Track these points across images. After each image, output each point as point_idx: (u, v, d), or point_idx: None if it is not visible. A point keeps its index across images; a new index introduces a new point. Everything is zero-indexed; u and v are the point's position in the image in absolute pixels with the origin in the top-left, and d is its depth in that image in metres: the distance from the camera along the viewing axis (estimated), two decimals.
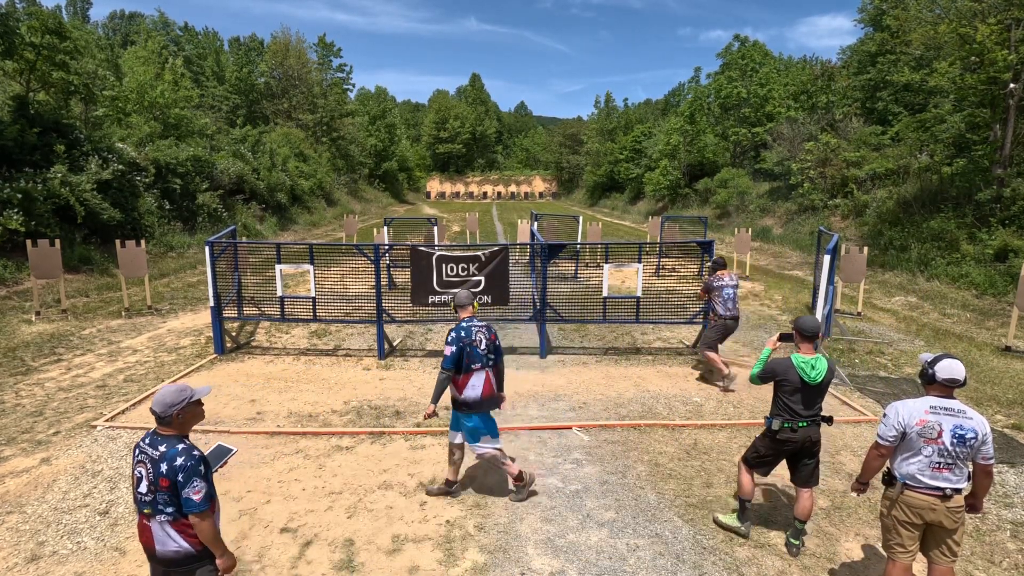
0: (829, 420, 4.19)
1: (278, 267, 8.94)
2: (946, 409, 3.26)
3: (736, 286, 7.53)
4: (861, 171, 21.11)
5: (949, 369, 3.27)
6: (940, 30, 14.84)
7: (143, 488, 2.78)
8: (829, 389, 7.49)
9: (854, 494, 3.64)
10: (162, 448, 2.78)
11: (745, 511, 4.40)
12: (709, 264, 7.78)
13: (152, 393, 7.13)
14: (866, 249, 11.59)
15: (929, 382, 3.35)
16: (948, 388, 3.30)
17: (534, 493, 4.93)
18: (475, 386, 4.58)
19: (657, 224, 18.57)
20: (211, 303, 8.58)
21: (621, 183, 48.56)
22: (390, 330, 9.86)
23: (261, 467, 5.39)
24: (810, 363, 4.04)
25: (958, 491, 3.29)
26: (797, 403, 4.09)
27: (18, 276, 12.24)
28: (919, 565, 3.71)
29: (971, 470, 3.32)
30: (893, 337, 10.12)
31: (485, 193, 70.07)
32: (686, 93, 51.75)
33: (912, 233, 16.34)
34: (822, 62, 34.85)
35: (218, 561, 2.94)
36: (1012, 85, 13.83)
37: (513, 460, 4.91)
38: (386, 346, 8.89)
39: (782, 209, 25.69)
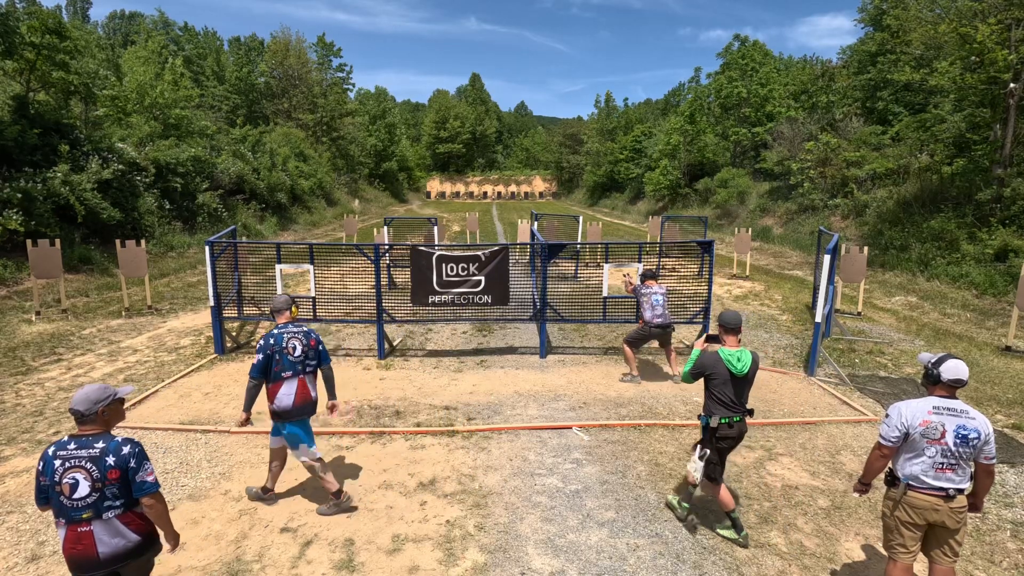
0: (751, 412, 4.36)
1: (278, 267, 8.94)
2: (949, 409, 3.25)
3: (664, 295, 7.69)
4: (861, 171, 21.11)
5: (954, 370, 3.27)
6: (940, 30, 14.84)
7: (83, 491, 2.75)
8: (827, 387, 7.51)
9: (856, 495, 3.63)
10: (99, 444, 2.85)
11: (737, 521, 4.33)
12: (640, 272, 8.03)
13: (153, 393, 7.14)
14: (866, 249, 11.59)
15: (933, 383, 3.35)
16: (952, 388, 3.30)
17: (352, 509, 4.70)
18: (287, 394, 4.49)
19: (657, 224, 18.58)
20: (211, 303, 8.58)
21: (621, 183, 48.57)
22: (390, 330, 9.86)
23: (261, 467, 5.39)
24: (736, 355, 4.20)
25: (961, 491, 3.28)
26: (729, 395, 4.22)
27: (18, 276, 12.24)
28: (920, 565, 3.71)
29: (973, 470, 3.32)
30: (893, 337, 10.12)
31: (485, 193, 70.07)
32: (686, 93, 51.76)
33: (912, 233, 16.34)
34: (822, 62, 34.86)
35: (169, 539, 3.08)
36: (1012, 85, 13.83)
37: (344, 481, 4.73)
38: (386, 346, 8.89)
39: (782, 209, 25.69)
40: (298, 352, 4.56)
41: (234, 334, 9.65)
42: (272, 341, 4.51)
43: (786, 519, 4.66)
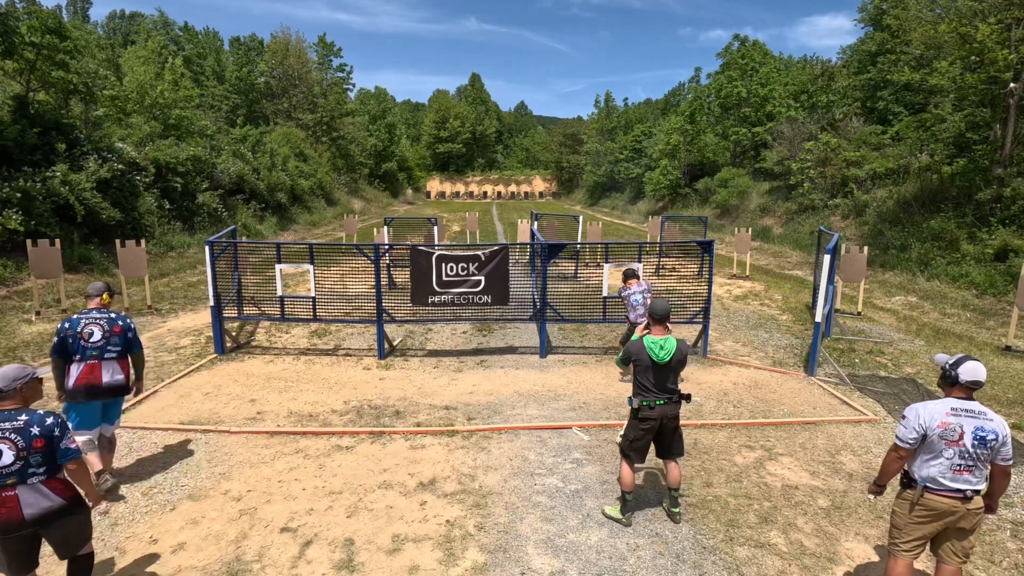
0: (687, 398, 4.52)
1: (278, 267, 8.94)
2: (967, 411, 3.24)
3: (644, 292, 7.66)
4: (861, 171, 21.11)
5: (972, 371, 3.27)
6: (940, 29, 14.83)
7: (7, 460, 3.03)
8: (827, 387, 7.51)
9: (870, 497, 3.62)
10: (22, 417, 3.13)
11: (627, 502, 4.53)
12: (622, 273, 8.00)
13: (153, 393, 7.14)
14: (866, 249, 11.59)
15: (951, 384, 3.33)
16: (970, 390, 3.30)
17: (120, 498, 4.82)
18: (72, 376, 4.69)
19: (657, 224, 18.57)
20: (211, 303, 8.58)
21: (621, 183, 48.54)
22: (390, 330, 9.85)
23: (261, 467, 5.39)
24: (659, 343, 4.36)
25: (977, 492, 3.28)
26: (650, 381, 4.39)
27: (18, 276, 12.24)
28: (921, 564, 3.71)
29: (988, 471, 3.31)
30: (893, 337, 10.12)
31: (485, 193, 70.04)
32: (686, 93, 51.72)
33: (912, 233, 16.34)
34: (822, 62, 34.84)
35: (91, 498, 3.41)
36: (1012, 84, 13.82)
37: (104, 471, 4.85)
38: (386, 346, 8.89)
39: (782, 209, 25.68)
40: (96, 337, 4.75)
41: (234, 334, 9.65)
42: (67, 325, 4.73)
43: (786, 519, 4.66)
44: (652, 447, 4.60)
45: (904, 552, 3.45)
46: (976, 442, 3.19)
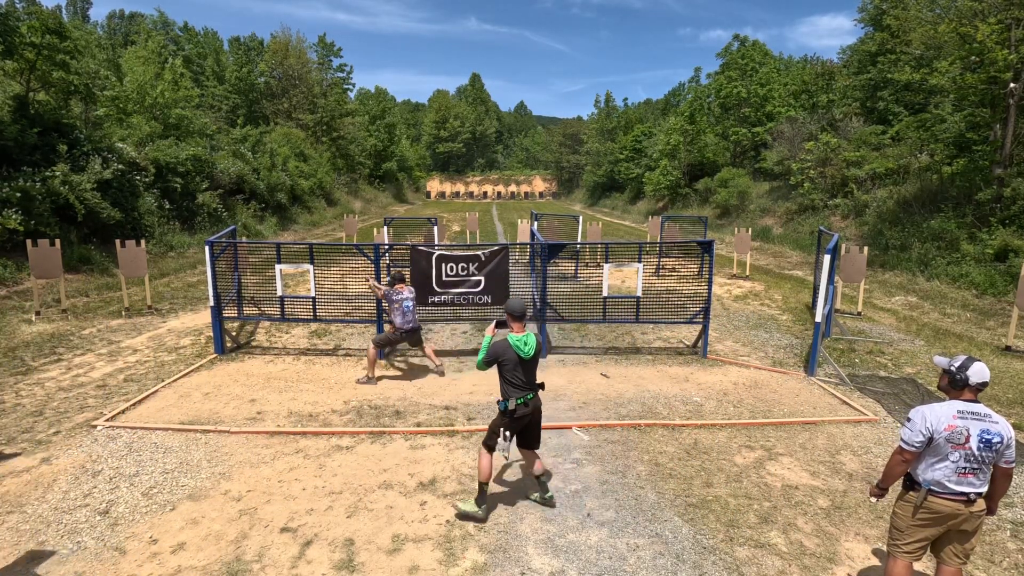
0: (542, 386, 4.70)
1: (278, 267, 8.94)
2: (973, 413, 3.22)
3: (414, 299, 7.72)
4: (861, 171, 21.11)
5: (981, 372, 3.25)
6: (940, 30, 14.84)
7: None
8: (827, 387, 7.51)
9: (872, 499, 3.61)
10: None
11: (484, 495, 4.56)
12: (388, 278, 8.03)
13: (153, 393, 7.14)
14: (866, 249, 11.59)
15: (961, 387, 3.29)
16: (977, 392, 3.28)
17: None
18: None
19: (657, 224, 18.57)
20: (211, 303, 8.58)
21: (621, 183, 48.55)
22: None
23: (261, 467, 5.39)
24: (523, 340, 4.49)
25: (980, 495, 3.27)
26: (519, 378, 4.49)
27: (18, 276, 12.24)
28: (921, 565, 3.71)
29: (991, 473, 3.30)
30: (893, 337, 10.12)
31: (485, 193, 70.06)
32: (686, 93, 51.76)
33: (912, 233, 16.34)
34: (822, 62, 34.84)
35: None
36: (1012, 85, 13.82)
37: None
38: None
39: (782, 209, 25.69)
40: None
41: (234, 334, 9.65)
42: None
43: (786, 519, 4.66)
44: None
45: (905, 554, 3.44)
46: (982, 445, 3.18)
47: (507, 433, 4.49)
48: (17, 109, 15.02)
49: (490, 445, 4.58)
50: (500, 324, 4.72)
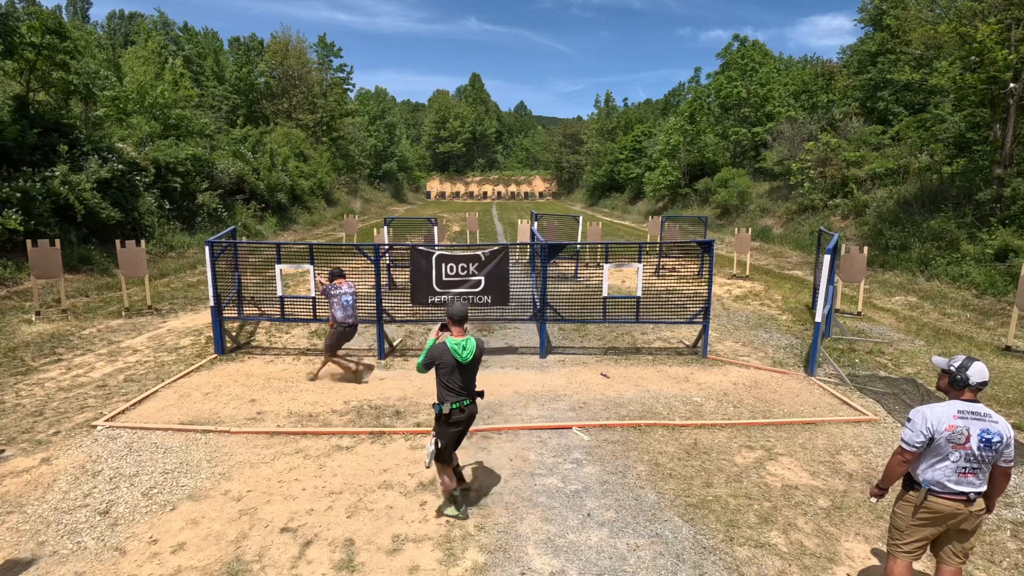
0: (481, 394, 4.67)
1: (278, 267, 8.93)
2: (973, 413, 3.22)
3: (354, 294, 7.70)
4: (861, 171, 21.10)
5: (981, 372, 3.25)
6: (940, 30, 14.82)
7: None
8: (827, 387, 7.51)
9: (872, 499, 3.61)
10: None
11: (457, 499, 4.59)
12: (327, 272, 7.95)
13: (153, 393, 7.14)
14: (866, 249, 11.59)
15: (961, 387, 3.30)
16: (977, 392, 3.29)
17: None
18: None
19: (657, 224, 18.58)
20: (211, 303, 8.58)
21: (621, 183, 48.53)
22: (390, 330, 9.85)
23: (261, 467, 5.39)
24: (461, 344, 4.44)
25: (980, 495, 3.27)
26: (457, 381, 4.45)
27: (18, 276, 12.24)
28: (920, 565, 3.71)
29: (990, 472, 3.30)
30: (893, 337, 10.12)
31: (485, 193, 70.05)
32: (686, 93, 51.73)
33: (912, 233, 16.33)
34: (822, 62, 34.85)
35: None
36: (1012, 85, 13.82)
37: None
38: (386, 346, 8.89)
39: (782, 209, 25.68)
40: None
41: (234, 334, 9.65)
42: None
43: (786, 519, 4.66)
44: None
45: (905, 553, 3.44)
46: (982, 445, 3.18)
47: (442, 442, 4.47)
48: (17, 109, 15.02)
49: (440, 458, 4.53)
50: (444, 327, 4.66)
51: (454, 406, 4.44)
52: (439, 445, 4.48)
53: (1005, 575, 4.09)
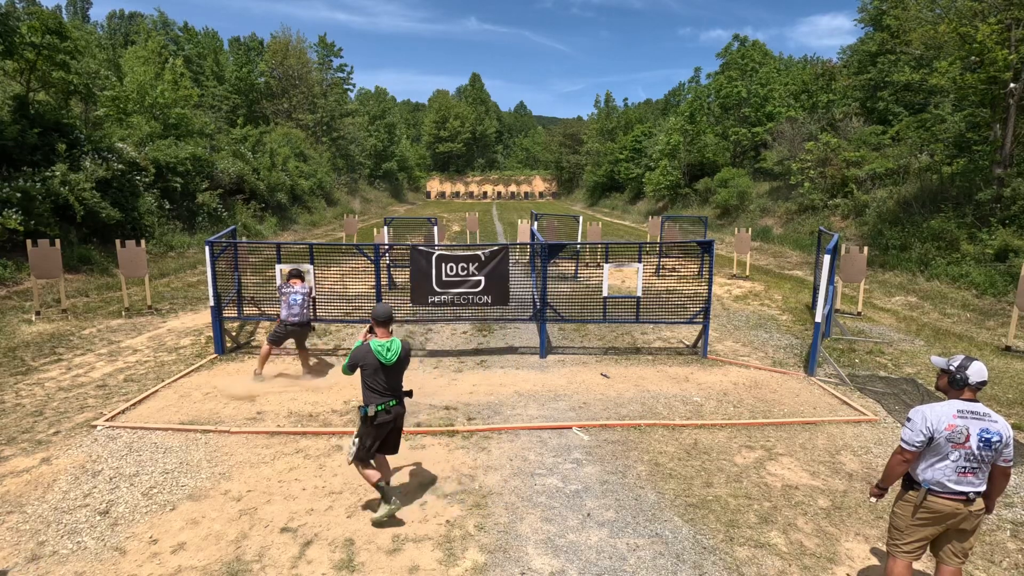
0: (409, 394, 4.68)
1: (278, 267, 8.93)
2: (973, 413, 3.23)
3: (306, 294, 7.75)
4: (861, 171, 21.11)
5: (980, 372, 3.26)
6: (940, 30, 14.83)
7: None
8: (827, 387, 7.51)
9: (872, 499, 3.61)
10: None
11: (384, 490, 4.50)
12: (287, 271, 8.05)
13: (153, 393, 7.14)
14: (866, 249, 11.59)
15: (961, 386, 3.30)
16: (976, 391, 3.29)
17: None
18: None
19: (657, 224, 18.58)
20: (211, 303, 8.58)
21: (621, 183, 48.54)
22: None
23: (261, 467, 5.39)
24: (385, 346, 4.43)
25: (979, 494, 3.27)
26: (381, 383, 4.44)
27: (18, 276, 12.24)
28: (920, 565, 3.71)
29: (990, 472, 3.30)
30: (893, 337, 10.12)
31: (485, 193, 70.05)
32: (686, 93, 51.73)
33: (912, 233, 16.34)
34: (822, 62, 34.86)
35: None
36: (1012, 85, 13.82)
37: None
38: None
39: (782, 209, 25.68)
40: None
41: (234, 334, 9.65)
42: None
43: (786, 519, 4.66)
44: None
45: (905, 553, 3.44)
46: (982, 444, 3.18)
47: (366, 442, 4.45)
48: (17, 109, 15.02)
49: (360, 458, 4.49)
50: (372, 330, 4.65)
51: (379, 408, 4.41)
52: (366, 445, 4.46)
53: (1005, 575, 4.09)
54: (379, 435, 4.50)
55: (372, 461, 4.57)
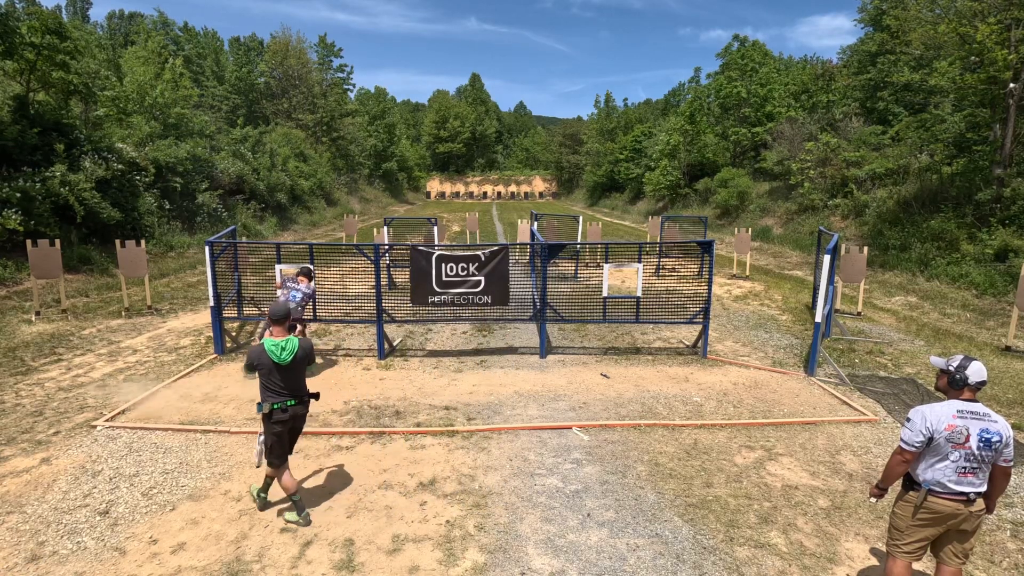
0: (315, 396, 4.70)
1: (278, 267, 8.93)
2: (972, 413, 3.23)
3: (306, 294, 7.76)
4: (861, 171, 21.11)
5: (979, 372, 3.26)
6: (940, 30, 14.83)
7: None
8: (827, 387, 7.51)
9: (872, 500, 3.61)
10: None
11: (298, 504, 4.54)
12: (297, 270, 8.10)
13: (153, 393, 7.13)
14: (866, 249, 11.59)
15: (960, 386, 3.30)
16: (976, 391, 3.29)
17: None
18: None
19: (657, 224, 18.58)
20: (211, 303, 8.58)
21: (621, 183, 48.55)
22: (390, 330, 9.86)
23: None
24: (280, 345, 4.43)
25: (980, 495, 3.27)
26: (277, 382, 4.43)
27: (18, 276, 12.24)
28: (920, 565, 3.71)
29: (990, 472, 3.30)
30: (893, 337, 10.12)
31: (485, 193, 70.04)
32: (686, 93, 51.78)
33: (912, 233, 16.34)
34: (822, 62, 34.87)
35: None
36: (1012, 85, 13.82)
37: None
38: (386, 346, 8.89)
39: (782, 209, 25.68)
40: None
41: (234, 334, 9.65)
42: None
43: (786, 519, 4.66)
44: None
45: (905, 554, 3.44)
46: (982, 444, 3.18)
47: (269, 443, 4.46)
48: (17, 109, 15.02)
49: (271, 461, 4.51)
50: (289, 328, 4.67)
51: (275, 406, 4.41)
52: (266, 444, 4.48)
53: (1005, 575, 4.09)
54: (278, 435, 4.47)
55: (287, 464, 4.57)
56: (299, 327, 4.97)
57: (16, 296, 11.54)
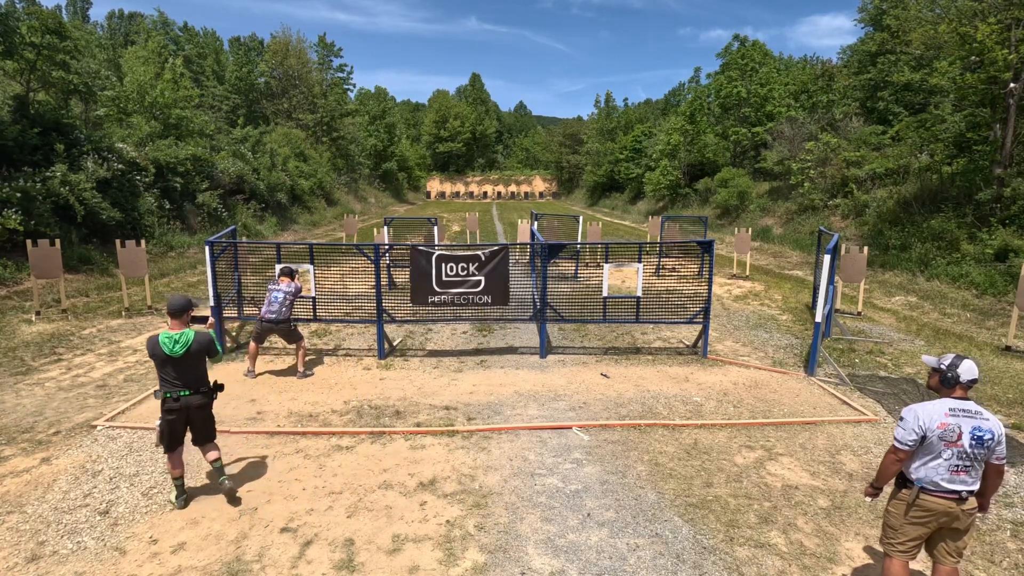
0: (219, 387, 4.85)
1: (278, 267, 8.92)
2: (964, 411, 3.24)
3: (289, 293, 7.75)
4: (861, 171, 21.11)
5: (971, 370, 3.27)
6: (940, 30, 14.83)
7: None
8: (827, 387, 7.51)
9: (867, 499, 3.63)
10: None
11: (180, 488, 4.72)
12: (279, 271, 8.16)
13: (153, 393, 7.12)
14: (866, 249, 11.59)
15: (952, 385, 3.31)
16: (967, 389, 3.30)
17: None
18: None
19: (657, 224, 18.58)
20: (211, 303, 8.58)
21: (621, 183, 48.57)
22: (390, 330, 9.86)
23: (261, 467, 5.38)
24: (173, 338, 4.51)
25: (972, 493, 3.28)
26: (171, 373, 4.55)
27: (18, 276, 12.24)
28: (919, 565, 3.71)
29: (983, 470, 3.31)
30: (893, 337, 10.12)
31: (485, 193, 70.07)
32: (686, 93, 51.80)
33: (912, 233, 16.34)
34: (822, 62, 34.87)
35: None
36: (1012, 84, 13.82)
37: None
38: (386, 346, 8.89)
39: (782, 209, 25.69)
40: None
41: (234, 334, 9.65)
42: None
43: (786, 519, 4.66)
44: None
45: (900, 552, 3.45)
46: (974, 442, 3.19)
47: (163, 428, 4.56)
48: (17, 109, 15.03)
49: (163, 447, 4.63)
50: (195, 319, 4.78)
51: (167, 395, 4.55)
52: (161, 430, 4.58)
53: (1005, 575, 4.09)
54: (171, 423, 4.58)
55: (179, 451, 4.69)
56: (210, 320, 5.03)
57: (16, 296, 11.54)
